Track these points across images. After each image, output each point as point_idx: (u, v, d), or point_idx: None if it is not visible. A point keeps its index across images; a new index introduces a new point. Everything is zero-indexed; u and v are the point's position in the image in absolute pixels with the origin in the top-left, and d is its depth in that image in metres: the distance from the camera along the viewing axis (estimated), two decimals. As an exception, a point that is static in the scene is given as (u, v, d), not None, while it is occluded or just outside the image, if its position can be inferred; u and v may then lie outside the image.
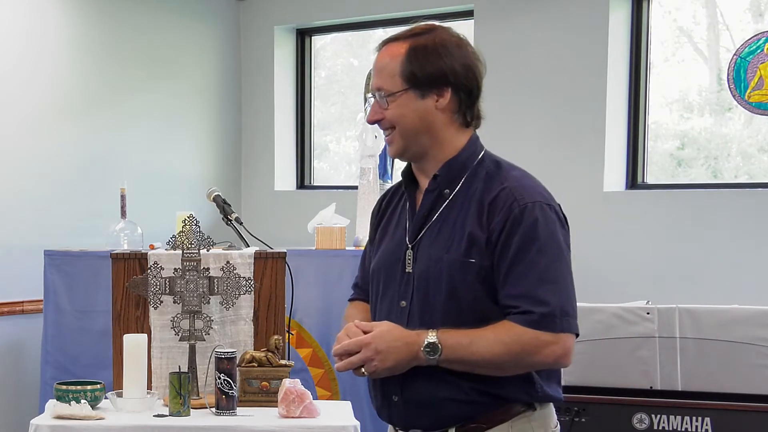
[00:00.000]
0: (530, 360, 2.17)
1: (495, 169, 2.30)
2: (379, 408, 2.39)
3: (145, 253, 3.68)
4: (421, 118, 2.28)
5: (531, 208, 2.20)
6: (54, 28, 5.09)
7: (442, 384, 2.23)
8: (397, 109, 2.28)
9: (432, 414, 2.27)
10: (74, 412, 3.33)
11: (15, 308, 4.94)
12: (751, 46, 4.43)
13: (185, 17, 5.73)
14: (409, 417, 2.30)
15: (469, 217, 2.23)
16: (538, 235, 2.18)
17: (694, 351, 3.79)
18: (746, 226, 4.46)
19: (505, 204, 2.21)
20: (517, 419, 2.26)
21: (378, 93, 2.31)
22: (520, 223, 2.19)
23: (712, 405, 3.66)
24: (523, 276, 2.17)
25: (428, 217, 2.30)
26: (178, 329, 3.60)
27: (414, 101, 2.27)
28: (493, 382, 2.22)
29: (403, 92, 2.27)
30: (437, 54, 2.28)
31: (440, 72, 2.27)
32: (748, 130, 4.81)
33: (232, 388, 3.38)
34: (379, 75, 2.31)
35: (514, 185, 2.25)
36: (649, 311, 3.86)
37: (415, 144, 2.30)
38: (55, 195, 5.09)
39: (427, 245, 2.28)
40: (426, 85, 2.27)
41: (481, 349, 2.16)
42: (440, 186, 2.29)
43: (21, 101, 4.96)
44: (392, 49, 2.31)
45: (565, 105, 4.92)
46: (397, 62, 2.28)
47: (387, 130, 2.33)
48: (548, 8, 4.96)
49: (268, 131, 5.96)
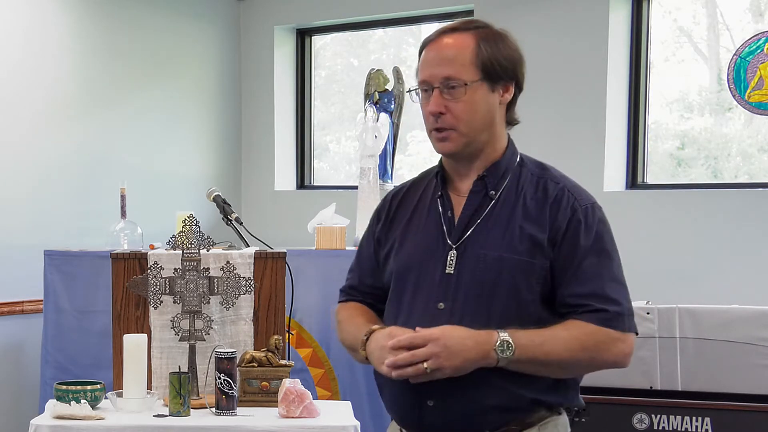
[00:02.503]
0: (601, 358, 2.14)
1: (540, 171, 2.26)
2: (405, 412, 2.28)
3: (145, 253, 3.68)
4: (488, 112, 2.21)
5: (592, 210, 2.20)
6: (54, 28, 5.09)
7: (490, 390, 2.16)
8: (469, 103, 2.17)
9: (471, 419, 2.19)
10: (74, 412, 3.33)
11: (15, 308, 4.94)
12: (751, 46, 4.43)
13: (185, 17, 5.73)
14: (444, 422, 2.20)
15: (524, 218, 2.17)
16: (604, 237, 2.18)
17: (694, 351, 3.79)
18: (746, 226, 4.46)
19: (567, 204, 2.18)
20: (545, 423, 2.23)
21: (445, 83, 2.17)
22: (585, 223, 2.16)
23: (712, 405, 3.66)
24: (592, 275, 2.14)
25: (473, 218, 2.21)
26: (178, 329, 3.60)
27: (485, 94, 2.20)
28: (538, 386, 2.18)
29: (477, 83, 2.17)
30: (507, 45, 2.24)
31: (512, 64, 2.23)
32: (748, 130, 4.81)
33: (232, 388, 3.38)
34: (449, 64, 2.17)
35: (569, 186, 2.23)
36: (649, 311, 3.86)
37: (475, 141, 2.21)
38: (55, 195, 5.09)
39: (478, 246, 2.18)
40: (498, 78, 2.20)
41: (556, 347, 2.11)
42: (487, 187, 2.21)
43: (21, 102, 4.96)
44: (458, 38, 2.20)
45: (565, 105, 4.92)
46: (470, 51, 2.18)
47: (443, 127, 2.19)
48: (548, 8, 4.96)
49: (268, 131, 5.96)
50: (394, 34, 5.89)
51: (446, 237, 2.22)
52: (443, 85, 2.17)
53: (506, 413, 2.18)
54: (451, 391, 2.16)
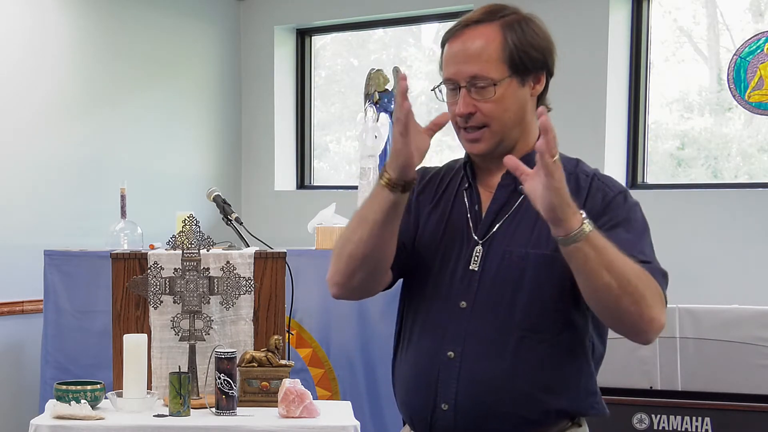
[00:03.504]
0: (650, 301, 1.90)
1: (571, 166, 2.10)
2: (416, 413, 2.15)
3: (145, 253, 3.68)
4: (520, 108, 2.07)
5: (623, 196, 2.08)
6: (54, 28, 5.09)
7: (510, 397, 2.03)
8: (500, 101, 2.03)
9: (485, 427, 2.06)
10: (74, 412, 3.34)
11: (15, 308, 4.94)
12: (751, 46, 4.43)
13: (185, 17, 5.73)
14: (456, 427, 2.07)
15: None
16: (638, 216, 2.05)
17: (694, 351, 3.79)
18: (746, 226, 4.46)
19: (597, 191, 2.05)
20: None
21: (472, 82, 2.03)
22: (616, 205, 2.04)
23: (712, 405, 3.66)
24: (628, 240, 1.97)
25: (501, 213, 2.08)
26: (178, 329, 3.60)
27: (516, 90, 2.05)
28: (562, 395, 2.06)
29: (507, 79, 2.03)
30: (535, 34, 2.08)
31: (542, 54, 2.08)
32: (748, 130, 4.81)
33: (232, 388, 3.38)
34: (475, 60, 2.03)
35: (599, 176, 2.10)
36: (649, 311, 3.86)
37: (507, 139, 2.08)
38: (55, 195, 5.09)
39: (504, 242, 2.06)
40: (528, 71, 2.05)
41: (625, 260, 1.90)
42: (516, 181, 1.98)
43: (21, 102, 4.96)
44: (483, 31, 2.05)
45: (566, 105, 4.92)
46: (496, 45, 2.03)
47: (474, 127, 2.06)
48: (548, 8, 4.95)
49: (268, 131, 5.96)
50: (394, 34, 5.89)
51: (472, 232, 2.10)
52: (470, 84, 2.03)
53: (524, 423, 2.06)
54: (469, 394, 2.05)
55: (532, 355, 2.04)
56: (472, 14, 2.11)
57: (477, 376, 2.05)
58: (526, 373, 2.04)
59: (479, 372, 2.05)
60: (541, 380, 2.05)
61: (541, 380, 2.05)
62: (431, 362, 2.09)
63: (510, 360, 2.04)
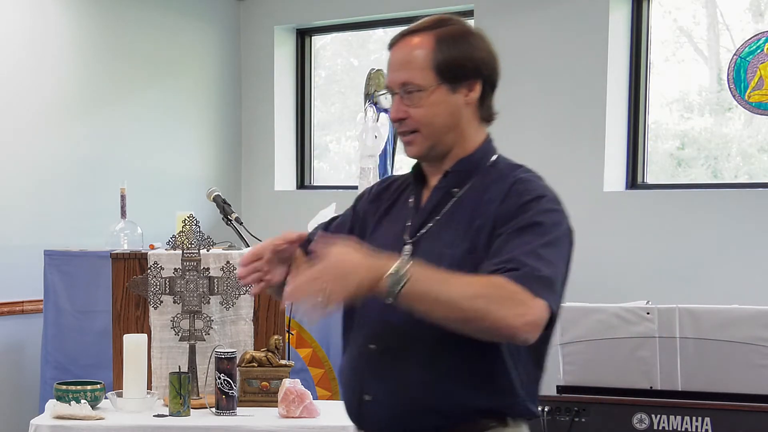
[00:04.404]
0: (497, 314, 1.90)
1: (509, 171, 2.16)
2: (347, 405, 2.24)
3: (145, 253, 3.69)
4: (451, 114, 2.14)
5: (545, 200, 2.08)
6: (54, 28, 5.09)
7: (426, 390, 2.08)
8: (429, 108, 2.12)
9: (406, 420, 2.11)
10: (74, 412, 3.34)
11: (15, 308, 4.94)
12: (751, 46, 4.43)
13: (185, 17, 5.73)
14: (380, 419, 2.15)
15: (478, 215, 2.09)
16: (545, 221, 2.04)
17: (694, 351, 3.78)
18: (746, 226, 4.46)
19: (518, 193, 2.08)
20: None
21: (403, 88, 2.13)
22: (530, 208, 2.04)
23: (712, 405, 3.66)
24: (517, 246, 1.99)
25: (432, 214, 2.16)
26: (178, 329, 3.60)
27: (446, 97, 2.13)
28: (476, 392, 2.08)
29: (436, 87, 2.11)
30: (468, 43, 2.15)
31: (473, 63, 2.14)
32: (748, 130, 4.81)
33: (232, 388, 3.38)
34: (406, 68, 2.13)
35: (529, 180, 2.13)
36: (649, 311, 3.86)
37: (440, 144, 2.16)
38: (55, 195, 5.09)
39: (429, 242, 2.13)
40: (458, 78, 2.12)
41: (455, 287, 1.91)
42: (449, 184, 2.15)
43: (21, 102, 4.96)
44: (417, 40, 2.15)
45: (565, 105, 4.92)
46: (427, 54, 2.12)
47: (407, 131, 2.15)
48: (548, 8, 4.96)
49: (268, 131, 5.96)
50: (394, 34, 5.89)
51: (407, 232, 2.18)
52: (403, 91, 2.13)
53: (444, 418, 2.09)
54: (387, 387, 2.12)
55: (450, 352, 2.06)
56: (415, 24, 2.21)
57: (397, 371, 2.10)
58: (445, 370, 2.07)
59: (399, 367, 2.10)
60: (459, 377, 2.08)
61: (459, 377, 2.08)
62: (358, 355, 2.17)
63: (429, 356, 2.08)
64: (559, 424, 3.74)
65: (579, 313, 3.94)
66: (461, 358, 2.07)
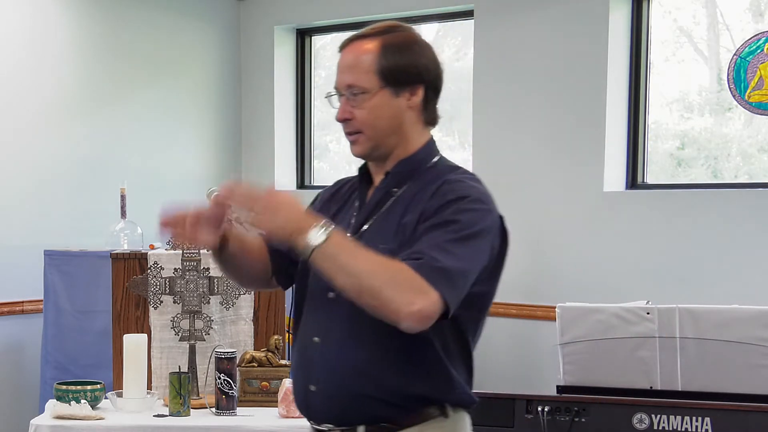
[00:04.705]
0: (388, 294, 2.00)
1: (445, 172, 2.26)
2: (296, 396, 2.35)
3: (145, 253, 3.69)
4: (393, 117, 2.25)
5: (466, 200, 2.15)
6: (54, 28, 5.09)
7: (361, 377, 2.18)
8: (371, 110, 2.24)
9: (347, 409, 2.22)
10: (74, 412, 3.34)
11: (15, 308, 4.94)
12: (751, 46, 4.43)
13: (185, 17, 5.73)
14: (324, 409, 2.25)
15: (406, 212, 2.20)
16: (460, 219, 2.12)
17: (694, 351, 3.78)
18: (746, 226, 4.46)
19: (443, 193, 2.17)
20: (428, 423, 2.21)
21: (349, 90, 2.25)
22: (448, 207, 2.13)
23: (712, 405, 3.65)
24: (426, 241, 2.09)
25: (372, 213, 2.28)
26: (178, 329, 3.60)
27: (389, 100, 2.24)
28: (410, 378, 2.17)
29: (378, 90, 2.22)
30: (411, 50, 2.25)
31: (415, 69, 2.24)
32: (748, 130, 4.81)
33: (232, 388, 3.38)
34: (351, 71, 2.24)
35: (457, 181, 2.22)
36: (649, 311, 3.86)
37: (383, 145, 2.28)
38: (55, 195, 5.09)
39: (367, 239, 2.21)
40: (401, 83, 2.23)
41: (362, 259, 2.04)
42: (390, 184, 2.28)
43: (21, 102, 4.96)
44: (363, 45, 2.25)
45: (565, 105, 4.92)
46: (372, 58, 2.23)
47: (352, 132, 2.29)
48: (548, 8, 4.96)
49: (268, 131, 5.96)
50: (394, 34, 5.90)
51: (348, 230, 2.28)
52: (349, 92, 2.24)
53: (384, 406, 2.19)
54: (330, 377, 2.21)
55: (388, 342, 2.15)
56: (365, 29, 2.30)
57: (338, 361, 2.20)
58: (383, 360, 2.17)
59: (341, 357, 2.20)
60: (394, 366, 2.17)
61: (394, 366, 2.17)
62: (305, 348, 2.29)
63: (368, 346, 2.17)
64: (559, 424, 3.74)
65: (579, 313, 3.94)
66: (396, 347, 2.16)
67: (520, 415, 3.72)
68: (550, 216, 4.93)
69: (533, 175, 4.99)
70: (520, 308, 4.92)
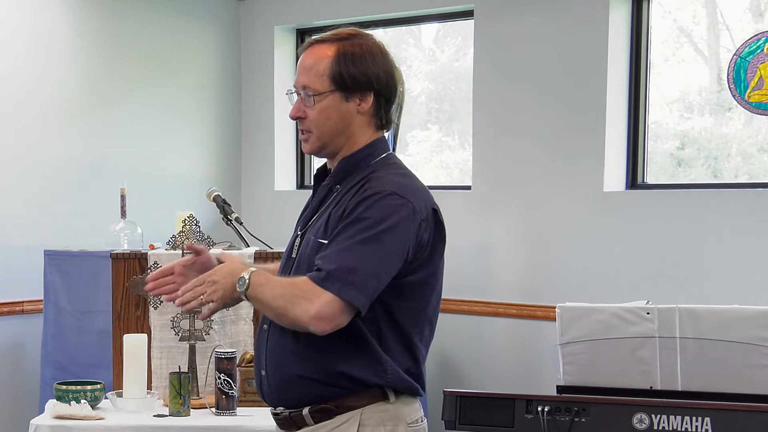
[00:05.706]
0: (291, 310, 2.25)
1: (381, 168, 2.40)
2: (255, 383, 2.53)
3: (145, 253, 3.69)
4: (341, 119, 2.40)
5: (380, 196, 2.30)
6: (54, 28, 5.09)
7: (296, 360, 2.35)
8: (321, 111, 2.39)
9: (289, 391, 2.38)
10: (74, 412, 3.34)
11: (15, 308, 4.94)
12: (751, 46, 4.43)
13: (185, 17, 5.73)
14: (271, 391, 2.43)
15: (338, 207, 2.36)
16: (370, 216, 2.27)
17: (694, 351, 3.78)
18: (746, 226, 4.46)
19: (363, 190, 2.33)
20: (369, 407, 2.35)
21: (304, 90, 2.40)
22: (362, 205, 2.29)
23: (712, 405, 3.65)
24: (336, 242, 2.28)
25: (317, 209, 2.46)
26: (178, 329, 3.60)
27: (339, 103, 2.39)
28: (340, 359, 2.32)
29: (329, 93, 2.38)
30: (364, 60, 2.39)
31: (366, 77, 2.39)
32: (748, 130, 4.81)
33: (232, 388, 3.38)
34: (307, 73, 2.39)
35: (380, 177, 2.36)
36: (649, 311, 3.86)
37: (330, 144, 2.43)
38: (55, 195, 5.09)
39: (309, 233, 2.42)
40: (351, 89, 2.38)
41: (268, 291, 2.28)
42: (333, 181, 2.44)
43: (21, 102, 4.96)
44: (321, 50, 2.40)
45: (565, 105, 4.93)
46: (326, 63, 2.38)
47: (303, 130, 2.43)
48: (548, 8, 4.96)
49: (268, 131, 5.96)
50: (394, 34, 5.89)
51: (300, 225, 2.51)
52: (303, 93, 2.41)
53: (315, 384, 2.34)
54: (272, 360, 2.40)
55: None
56: (326, 33, 2.46)
57: (280, 345, 2.39)
58: (320, 343, 2.30)
59: (282, 342, 2.38)
60: (326, 348, 2.32)
61: (327, 348, 2.32)
62: (259, 335, 2.49)
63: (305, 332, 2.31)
64: (559, 424, 3.74)
65: (579, 313, 3.94)
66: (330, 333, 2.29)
67: (520, 415, 3.72)
68: (550, 216, 4.93)
69: (533, 175, 4.99)
70: (520, 308, 4.91)
